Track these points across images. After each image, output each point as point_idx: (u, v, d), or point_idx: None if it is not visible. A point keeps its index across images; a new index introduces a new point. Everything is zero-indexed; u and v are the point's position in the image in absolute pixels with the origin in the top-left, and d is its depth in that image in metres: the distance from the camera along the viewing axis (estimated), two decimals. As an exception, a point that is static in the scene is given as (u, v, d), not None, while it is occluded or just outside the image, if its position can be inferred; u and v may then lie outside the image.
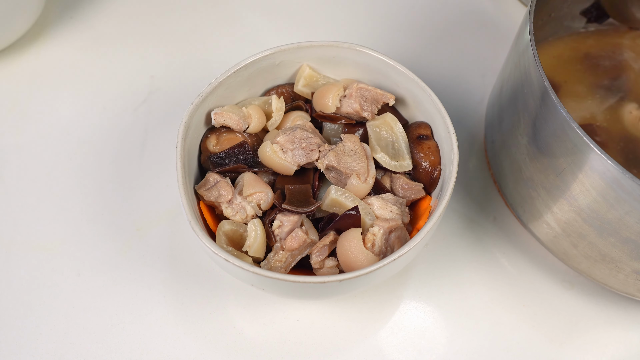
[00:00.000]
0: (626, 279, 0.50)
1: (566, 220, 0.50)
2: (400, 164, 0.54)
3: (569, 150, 0.45)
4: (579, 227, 0.49)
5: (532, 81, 0.48)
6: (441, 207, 0.49)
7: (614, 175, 0.43)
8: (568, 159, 0.46)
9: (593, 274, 0.52)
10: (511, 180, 0.55)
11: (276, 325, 0.56)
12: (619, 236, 0.46)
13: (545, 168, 0.49)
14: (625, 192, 0.43)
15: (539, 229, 0.54)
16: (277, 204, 0.51)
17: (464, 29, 0.75)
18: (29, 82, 0.70)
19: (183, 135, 0.52)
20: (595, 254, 0.50)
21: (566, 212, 0.49)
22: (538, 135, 0.49)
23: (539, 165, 0.50)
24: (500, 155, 0.56)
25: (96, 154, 0.65)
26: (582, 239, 0.49)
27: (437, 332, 0.56)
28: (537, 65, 0.47)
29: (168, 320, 0.56)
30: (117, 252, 0.59)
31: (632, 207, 0.44)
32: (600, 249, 0.49)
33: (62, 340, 0.55)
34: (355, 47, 0.56)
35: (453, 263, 0.59)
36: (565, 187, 0.48)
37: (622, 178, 0.42)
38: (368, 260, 0.48)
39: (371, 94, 0.56)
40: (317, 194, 0.53)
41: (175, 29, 0.75)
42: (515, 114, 0.52)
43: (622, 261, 0.48)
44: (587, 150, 0.44)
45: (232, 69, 0.55)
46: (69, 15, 0.75)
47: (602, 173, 0.43)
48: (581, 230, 0.49)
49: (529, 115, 0.50)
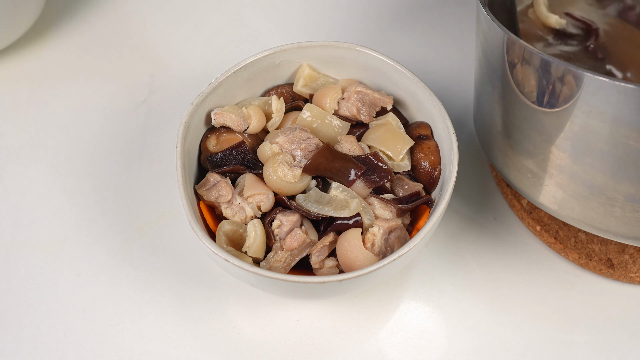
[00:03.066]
0: (623, 212, 0.47)
1: (542, 156, 0.48)
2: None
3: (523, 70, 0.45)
4: (555, 159, 0.48)
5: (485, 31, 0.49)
6: (441, 207, 0.49)
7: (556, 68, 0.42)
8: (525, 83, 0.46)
9: (590, 219, 0.49)
10: (493, 140, 0.55)
11: (276, 325, 0.56)
12: (593, 153, 0.45)
13: (508, 102, 0.49)
14: (571, 88, 0.42)
15: (525, 183, 0.52)
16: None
17: (464, 29, 0.75)
18: (29, 82, 0.70)
19: (183, 135, 0.52)
20: (581, 188, 0.48)
21: (538, 145, 0.48)
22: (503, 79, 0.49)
23: (506, 106, 0.50)
24: (482, 117, 0.56)
25: (96, 153, 0.65)
26: (563, 172, 0.48)
27: (437, 332, 0.56)
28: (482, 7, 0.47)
29: (168, 320, 0.56)
30: (117, 252, 0.59)
31: (588, 104, 0.43)
32: (583, 178, 0.47)
33: (62, 340, 0.55)
34: (355, 47, 0.56)
35: (453, 263, 0.59)
36: (530, 114, 0.47)
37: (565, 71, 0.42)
38: (368, 260, 0.48)
39: (369, 98, 0.56)
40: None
41: (175, 29, 0.75)
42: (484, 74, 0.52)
43: (610, 187, 0.46)
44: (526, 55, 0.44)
45: (232, 69, 0.55)
46: (69, 15, 0.75)
47: (545, 72, 0.43)
48: (558, 161, 0.48)
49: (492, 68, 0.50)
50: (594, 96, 0.42)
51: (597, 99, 0.42)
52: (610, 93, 0.41)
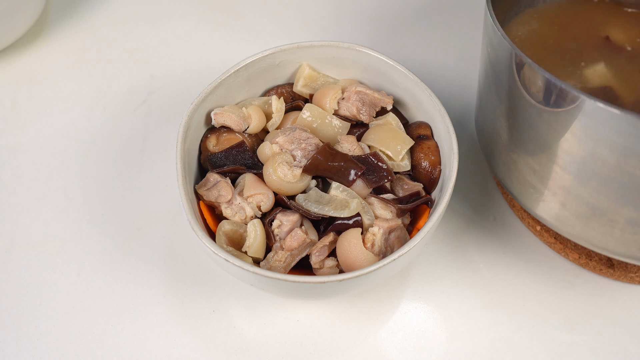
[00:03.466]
0: (623, 234, 0.48)
1: (547, 174, 0.49)
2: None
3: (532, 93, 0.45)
4: (560, 179, 0.48)
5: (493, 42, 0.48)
6: (441, 207, 0.49)
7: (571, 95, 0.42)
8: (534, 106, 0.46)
9: (590, 237, 0.50)
10: (496, 152, 0.55)
11: (276, 325, 0.56)
12: (598, 178, 0.45)
13: (516, 121, 0.49)
14: (585, 115, 0.42)
15: (528, 198, 0.52)
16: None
17: (464, 29, 0.75)
18: (29, 82, 0.70)
19: (183, 136, 0.52)
20: (584, 209, 0.48)
21: (545, 164, 0.48)
22: (510, 95, 0.49)
23: (513, 122, 0.50)
24: (485, 129, 0.56)
25: (96, 153, 0.65)
26: (567, 193, 0.48)
27: (437, 332, 0.56)
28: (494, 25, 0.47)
29: (168, 320, 0.56)
30: (117, 252, 0.59)
31: (599, 133, 0.42)
32: (587, 200, 0.47)
33: (62, 340, 0.55)
34: (354, 47, 0.56)
35: (453, 263, 0.59)
36: (535, 133, 0.47)
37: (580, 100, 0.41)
38: (368, 260, 0.48)
39: (369, 98, 0.56)
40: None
41: (175, 29, 0.75)
42: (491, 85, 0.52)
43: (612, 211, 0.47)
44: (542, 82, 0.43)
45: (232, 69, 0.55)
46: (69, 15, 0.75)
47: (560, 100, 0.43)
48: (563, 182, 0.48)
49: (498, 80, 0.50)
50: (605, 126, 0.42)
51: (608, 129, 0.42)
52: (621, 124, 0.41)
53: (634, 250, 0.49)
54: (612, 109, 0.41)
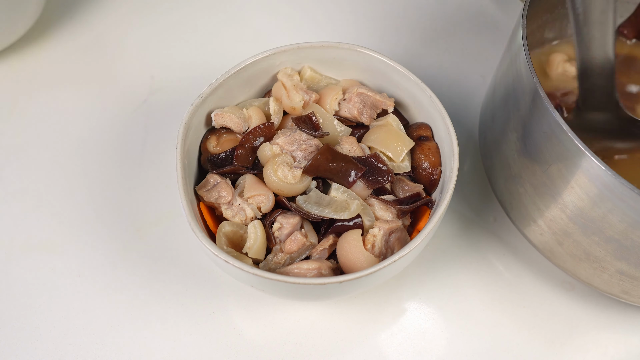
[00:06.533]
0: (610, 279, 0.50)
1: (552, 217, 0.49)
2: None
3: (555, 148, 0.45)
4: (564, 225, 0.49)
5: (522, 78, 0.48)
6: (441, 209, 0.49)
7: (597, 174, 0.43)
8: (554, 156, 0.46)
9: (578, 273, 0.52)
10: (501, 176, 0.55)
11: (276, 326, 0.56)
12: (602, 235, 0.46)
13: (532, 165, 0.49)
14: (608, 190, 0.43)
15: (526, 227, 0.53)
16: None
17: (464, 29, 0.75)
18: (29, 82, 0.70)
19: (183, 136, 0.52)
20: (580, 252, 0.49)
21: (551, 209, 0.49)
22: (526, 132, 0.49)
23: (527, 162, 0.50)
24: (492, 151, 0.56)
25: (96, 154, 0.65)
26: (567, 236, 0.49)
27: (437, 334, 0.56)
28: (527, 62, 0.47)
29: (168, 321, 0.56)
30: (117, 253, 0.59)
31: (615, 205, 0.43)
32: (585, 247, 0.49)
33: (61, 341, 0.55)
34: (355, 47, 0.56)
35: (453, 264, 0.59)
36: (551, 183, 0.48)
37: (605, 175, 0.42)
38: (368, 261, 0.48)
39: (370, 100, 0.56)
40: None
41: (175, 29, 0.75)
42: (506, 112, 0.52)
43: (606, 261, 0.48)
44: (572, 148, 0.44)
45: (233, 69, 0.55)
46: (69, 15, 0.75)
47: (585, 170, 0.44)
48: (566, 228, 0.49)
49: (518, 113, 0.50)
50: (623, 202, 0.43)
51: (626, 205, 0.43)
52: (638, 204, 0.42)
53: (616, 292, 0.51)
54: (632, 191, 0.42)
